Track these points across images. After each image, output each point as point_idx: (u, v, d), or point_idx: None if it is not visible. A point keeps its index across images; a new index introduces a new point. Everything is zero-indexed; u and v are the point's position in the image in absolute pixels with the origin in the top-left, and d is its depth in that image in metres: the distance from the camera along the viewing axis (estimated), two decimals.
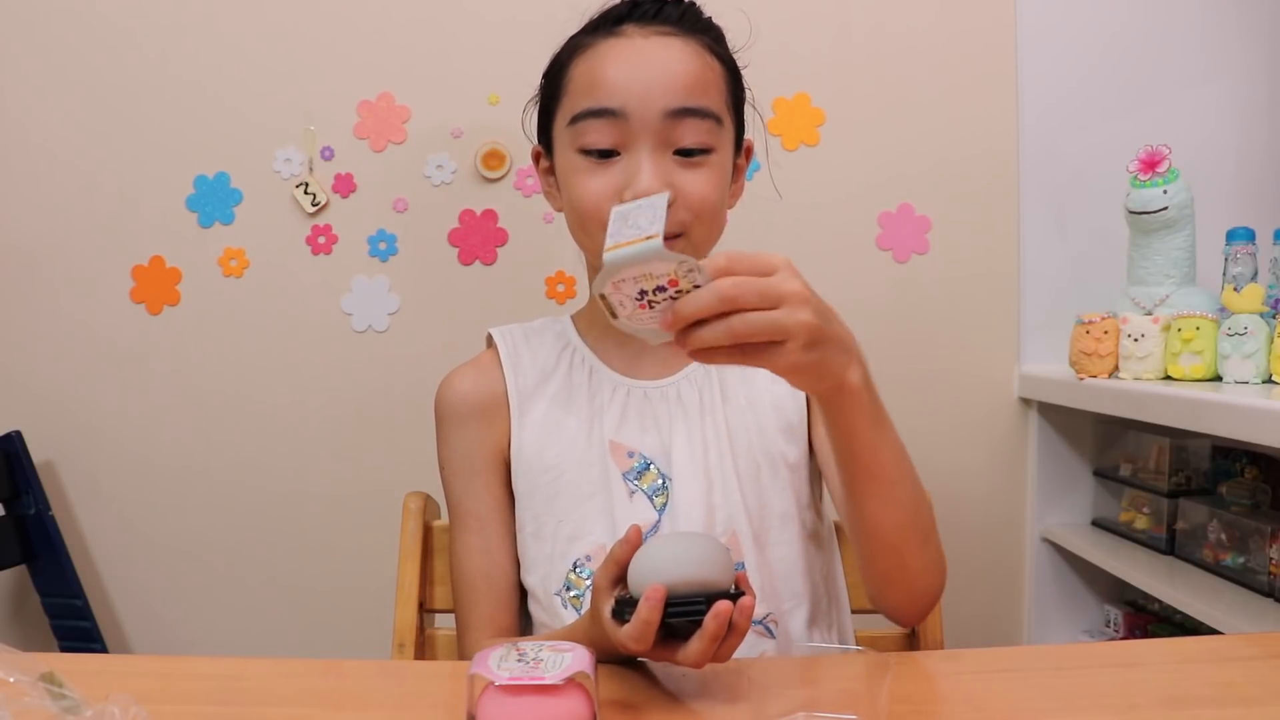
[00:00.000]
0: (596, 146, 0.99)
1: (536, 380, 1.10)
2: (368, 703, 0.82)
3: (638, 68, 0.98)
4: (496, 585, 1.06)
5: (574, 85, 1.02)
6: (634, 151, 0.98)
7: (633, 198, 0.95)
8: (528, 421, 1.08)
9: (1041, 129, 1.85)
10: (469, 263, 1.83)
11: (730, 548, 1.03)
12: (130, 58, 1.82)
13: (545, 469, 1.06)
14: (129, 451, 1.86)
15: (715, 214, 1.03)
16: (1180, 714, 0.75)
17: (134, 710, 0.64)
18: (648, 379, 1.09)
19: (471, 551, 1.07)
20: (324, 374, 1.85)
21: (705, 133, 0.99)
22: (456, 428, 1.10)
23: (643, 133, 0.98)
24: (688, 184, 0.99)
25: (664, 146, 0.98)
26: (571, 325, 1.15)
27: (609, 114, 0.98)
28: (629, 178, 0.98)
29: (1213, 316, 1.51)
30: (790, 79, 1.83)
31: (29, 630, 1.87)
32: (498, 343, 1.13)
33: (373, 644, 1.68)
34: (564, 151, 1.03)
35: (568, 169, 1.02)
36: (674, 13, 1.03)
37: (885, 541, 0.91)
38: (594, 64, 1.00)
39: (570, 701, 0.67)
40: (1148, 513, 1.71)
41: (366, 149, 1.83)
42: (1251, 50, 1.85)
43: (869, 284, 1.85)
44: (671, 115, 0.98)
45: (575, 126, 1.00)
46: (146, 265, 1.84)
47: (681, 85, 0.98)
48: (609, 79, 0.98)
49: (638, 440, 1.06)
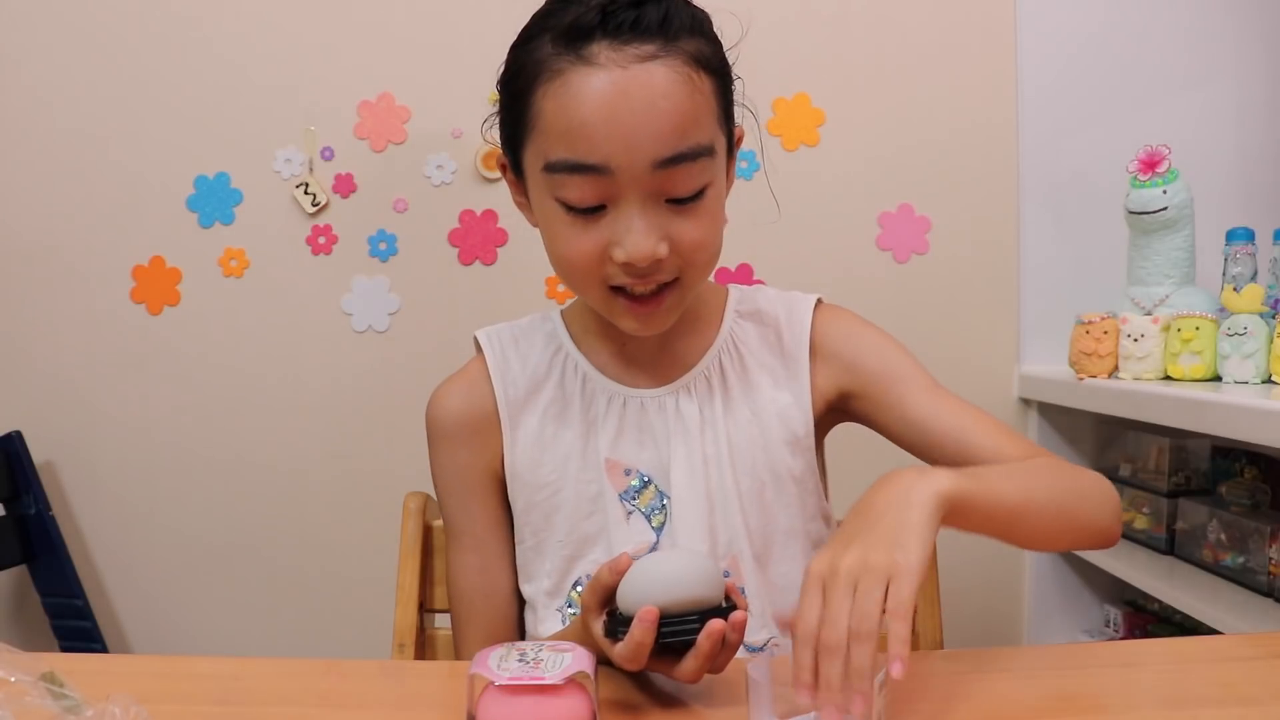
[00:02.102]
0: (581, 204, 0.89)
1: (527, 390, 1.05)
2: (368, 702, 0.82)
3: (620, 114, 0.85)
4: (495, 603, 1.05)
5: (545, 123, 0.88)
6: (622, 206, 0.88)
7: (625, 258, 0.89)
8: (519, 437, 1.04)
9: (1041, 129, 1.85)
10: (469, 263, 1.83)
11: (731, 570, 1.02)
12: (130, 59, 1.82)
13: (541, 485, 1.03)
14: (129, 451, 1.86)
15: (710, 255, 0.95)
16: (1180, 714, 0.75)
17: (134, 710, 0.64)
18: (644, 388, 1.03)
19: (469, 571, 1.05)
20: (324, 374, 1.85)
21: (699, 173, 0.89)
22: (447, 448, 1.06)
23: (631, 187, 0.87)
24: (683, 233, 0.90)
25: (655, 197, 0.88)
26: (562, 324, 1.08)
27: (592, 170, 0.86)
28: (619, 235, 0.89)
29: (1212, 316, 1.51)
30: (790, 79, 1.83)
31: (29, 630, 1.87)
32: (485, 349, 1.07)
33: (373, 644, 1.68)
34: (539, 192, 0.92)
35: (548, 216, 0.92)
36: (654, 17, 0.87)
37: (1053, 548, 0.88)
38: (566, 103, 0.86)
39: (570, 701, 0.67)
40: (1147, 513, 1.71)
41: (367, 149, 1.83)
42: (1251, 51, 1.86)
43: (869, 284, 1.85)
44: (662, 165, 0.86)
45: (553, 177, 0.89)
46: (147, 265, 1.84)
47: (670, 129, 0.86)
48: (588, 130, 0.85)
49: (635, 457, 1.02)
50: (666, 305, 0.94)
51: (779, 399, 1.04)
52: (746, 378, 1.04)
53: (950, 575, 1.00)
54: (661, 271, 0.91)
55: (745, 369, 1.05)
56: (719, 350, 1.05)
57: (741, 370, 1.05)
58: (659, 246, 0.88)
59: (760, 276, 1.83)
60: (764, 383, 1.04)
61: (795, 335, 1.05)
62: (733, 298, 1.08)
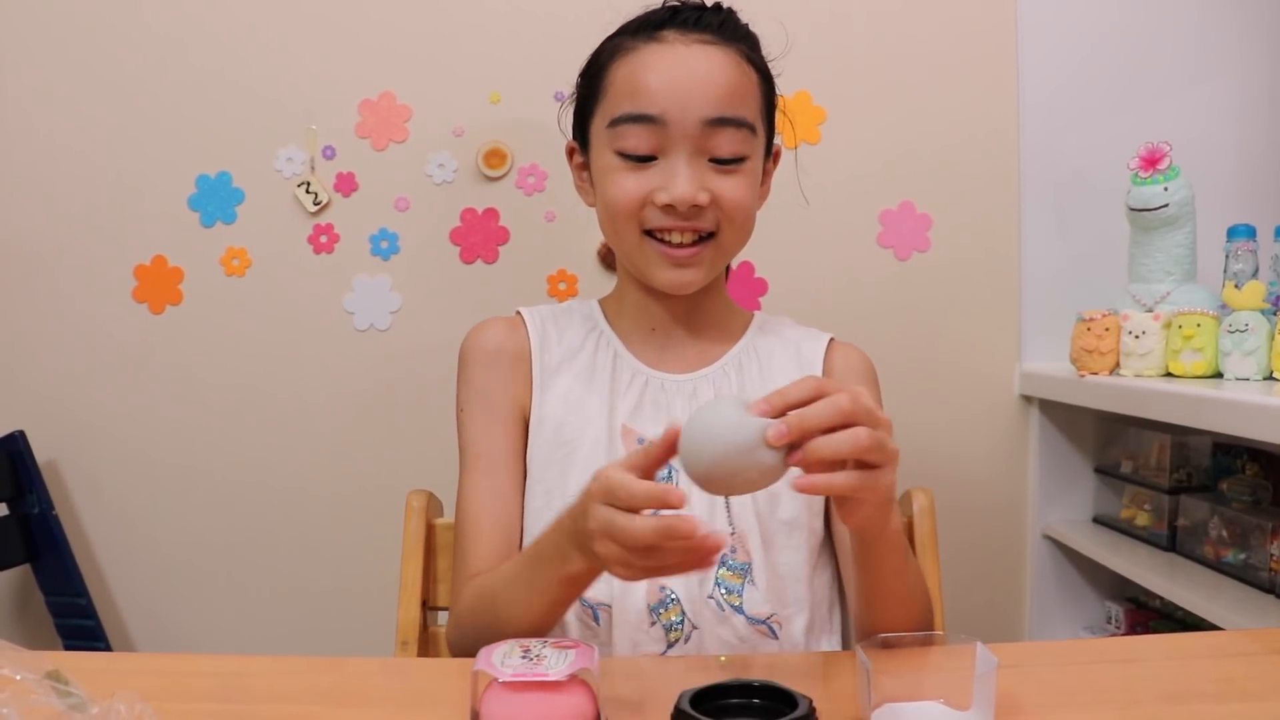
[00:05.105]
0: (635, 152, 1.02)
1: (562, 356, 1.12)
2: (371, 700, 0.82)
3: (679, 75, 1.00)
4: (504, 528, 1.06)
5: (614, 88, 1.04)
6: (671, 157, 1.01)
7: (668, 200, 1.00)
8: (549, 395, 1.10)
9: (1042, 126, 1.85)
10: (471, 261, 1.83)
11: (737, 546, 1.04)
12: (132, 58, 1.82)
13: (562, 443, 1.07)
14: (132, 451, 1.86)
15: (746, 218, 1.06)
16: (1181, 709, 0.75)
17: (139, 707, 0.65)
18: (668, 372, 1.11)
19: (482, 492, 1.07)
20: (326, 373, 1.85)
21: (740, 142, 1.02)
22: (482, 369, 1.11)
23: (681, 140, 1.00)
24: (723, 189, 1.02)
25: (700, 154, 1.01)
26: (599, 310, 1.17)
27: (649, 120, 1.00)
28: (665, 181, 1.01)
29: (1213, 313, 1.51)
30: (791, 76, 1.82)
31: (33, 630, 1.87)
32: (526, 319, 1.15)
33: (376, 642, 1.69)
34: (601, 151, 1.05)
35: (604, 168, 1.05)
36: (714, 20, 1.05)
37: (883, 628, 0.91)
38: (635, 68, 1.02)
39: (573, 698, 0.67)
40: (1149, 509, 1.71)
41: (368, 148, 1.83)
42: (1252, 47, 1.86)
43: (870, 281, 1.85)
44: (710, 124, 1.00)
45: (615, 129, 1.03)
46: (149, 265, 1.84)
47: (720, 95, 1.01)
48: (650, 85, 1.01)
49: (649, 429, 1.07)
50: (700, 259, 1.05)
51: None
52: (765, 380, 1.11)
53: (951, 572, 1.01)
54: (701, 219, 1.03)
55: (764, 372, 1.12)
56: (741, 353, 1.14)
57: (760, 374, 1.12)
58: (700, 194, 1.01)
59: (762, 274, 1.83)
60: (780, 380, 1.07)
61: (813, 349, 1.15)
62: (756, 319, 1.19)
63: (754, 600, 1.03)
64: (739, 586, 1.03)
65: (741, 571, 1.03)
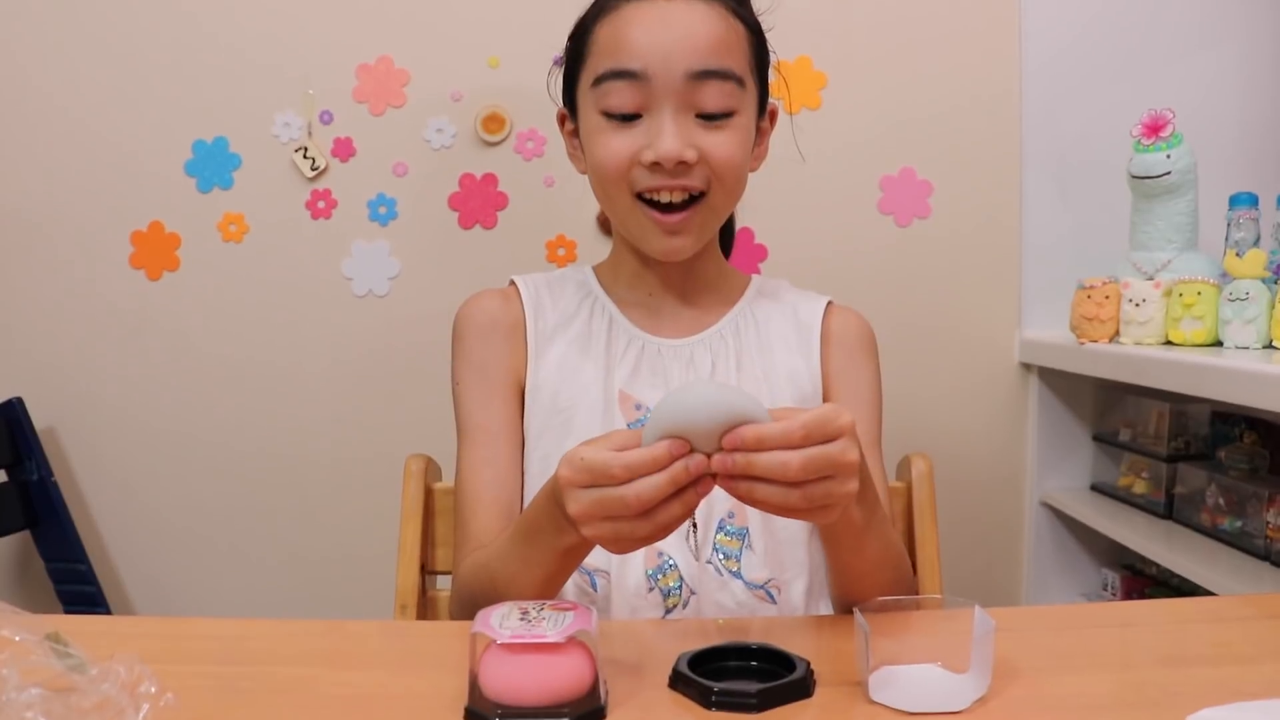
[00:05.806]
0: (619, 110, 1.00)
1: (556, 324, 1.11)
2: (371, 662, 0.82)
3: (661, 30, 0.99)
4: (503, 499, 1.05)
5: (598, 47, 1.02)
6: (656, 114, 0.99)
7: (654, 158, 0.98)
8: (544, 363, 1.09)
9: (1044, 93, 1.84)
10: (469, 226, 1.83)
11: (735, 511, 1.04)
12: (128, 22, 1.80)
13: (558, 410, 1.07)
14: (130, 417, 1.86)
15: (737, 176, 1.04)
16: (1177, 673, 0.76)
17: (138, 669, 0.65)
18: (664, 337, 1.10)
19: (480, 464, 1.07)
20: (324, 338, 1.85)
21: (727, 95, 1.00)
22: (478, 341, 1.11)
23: (665, 95, 0.99)
24: (710, 145, 1.00)
25: (686, 109, 1.00)
26: (593, 275, 1.16)
27: (631, 76, 0.99)
28: (651, 139, 0.99)
29: (1214, 281, 1.51)
30: (792, 42, 1.81)
31: (33, 595, 1.88)
32: (520, 287, 1.14)
33: (375, 606, 1.69)
34: (587, 113, 1.04)
35: (591, 130, 1.04)
36: None
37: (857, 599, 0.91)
38: (618, 26, 1.01)
39: (572, 660, 0.67)
40: (1147, 477, 1.71)
41: (365, 113, 1.81)
42: (1255, 14, 1.84)
43: (870, 248, 1.84)
44: (694, 77, 0.99)
45: (598, 88, 1.01)
46: (145, 231, 1.83)
47: (704, 47, 0.99)
48: (632, 41, 0.99)
49: (646, 394, 1.07)
50: (691, 224, 1.03)
51: (791, 362, 1.11)
52: (761, 344, 1.11)
53: (949, 539, 1.01)
54: (690, 176, 1.01)
55: (760, 337, 1.12)
56: (738, 316, 1.13)
57: (757, 337, 1.12)
58: (686, 151, 0.98)
59: (762, 240, 1.83)
60: (778, 348, 1.11)
61: (810, 312, 1.14)
62: (754, 283, 1.18)
63: (752, 565, 1.03)
64: (737, 551, 1.03)
65: (739, 536, 1.03)
